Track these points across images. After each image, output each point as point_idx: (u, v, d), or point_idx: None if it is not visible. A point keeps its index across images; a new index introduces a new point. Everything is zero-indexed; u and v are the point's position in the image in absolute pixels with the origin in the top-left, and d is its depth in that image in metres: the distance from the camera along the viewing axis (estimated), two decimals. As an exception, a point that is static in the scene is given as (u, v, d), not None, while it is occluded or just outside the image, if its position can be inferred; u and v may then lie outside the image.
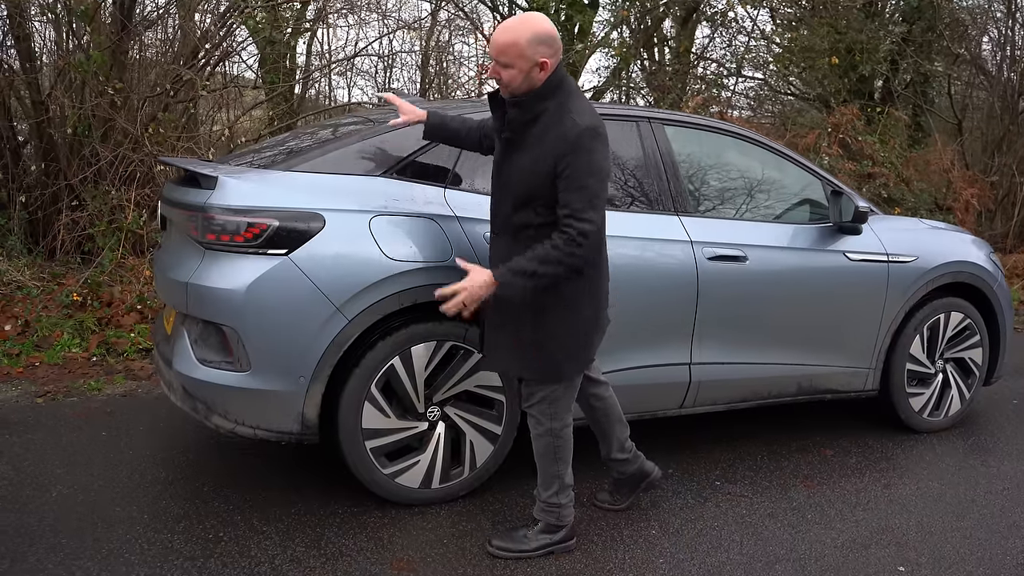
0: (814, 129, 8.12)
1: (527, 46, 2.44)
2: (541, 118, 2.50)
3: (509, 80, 2.49)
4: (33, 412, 4.09)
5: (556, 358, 2.65)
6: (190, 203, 2.97)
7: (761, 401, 3.81)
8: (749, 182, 3.85)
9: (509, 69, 2.47)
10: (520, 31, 2.46)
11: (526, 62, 2.45)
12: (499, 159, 2.65)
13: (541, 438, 2.77)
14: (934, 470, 3.74)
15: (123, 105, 5.94)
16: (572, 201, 2.43)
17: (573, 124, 2.44)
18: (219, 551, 2.75)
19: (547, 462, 2.79)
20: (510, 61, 2.46)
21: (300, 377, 2.89)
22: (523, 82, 2.48)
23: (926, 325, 4.08)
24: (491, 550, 2.80)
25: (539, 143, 2.49)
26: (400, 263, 2.95)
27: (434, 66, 13.96)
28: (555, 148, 2.44)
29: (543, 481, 2.82)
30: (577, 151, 2.42)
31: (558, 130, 2.45)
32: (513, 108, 2.53)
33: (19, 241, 6.04)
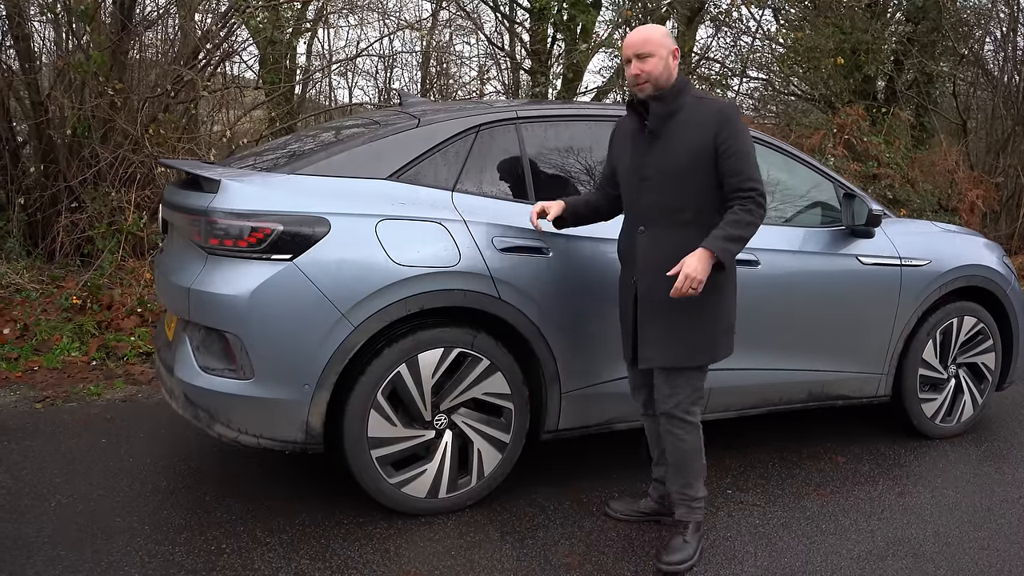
0: (819, 130, 8.06)
1: (661, 37, 2.71)
2: (683, 109, 2.71)
3: (652, 68, 2.68)
4: (32, 418, 4.03)
5: (711, 339, 2.76)
6: (192, 207, 2.91)
7: (772, 408, 3.75)
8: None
9: (651, 58, 2.67)
10: (651, 28, 2.75)
11: (664, 50, 2.69)
12: (638, 159, 2.78)
13: (687, 436, 2.81)
14: (948, 478, 3.68)
15: (123, 106, 5.87)
16: (743, 168, 2.63)
17: (719, 105, 2.71)
18: (221, 564, 2.68)
19: (694, 457, 2.84)
20: (652, 50, 2.68)
21: (305, 385, 2.83)
22: (663, 70, 2.69)
23: (939, 330, 4.02)
24: (667, 568, 2.74)
25: (687, 129, 2.68)
26: (407, 268, 2.89)
27: (435, 66, 13.92)
28: (710, 127, 2.65)
29: (692, 480, 2.86)
30: (732, 125, 2.66)
31: (707, 112, 2.68)
32: (656, 102, 2.72)
33: (18, 243, 5.98)
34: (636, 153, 2.81)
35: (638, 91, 2.74)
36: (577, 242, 3.17)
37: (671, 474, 2.90)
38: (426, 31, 12.71)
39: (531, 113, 3.32)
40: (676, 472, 2.87)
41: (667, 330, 2.75)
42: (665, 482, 3.03)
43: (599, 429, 3.36)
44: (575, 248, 3.16)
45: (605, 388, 3.28)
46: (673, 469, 2.88)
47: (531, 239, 3.09)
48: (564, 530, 3.03)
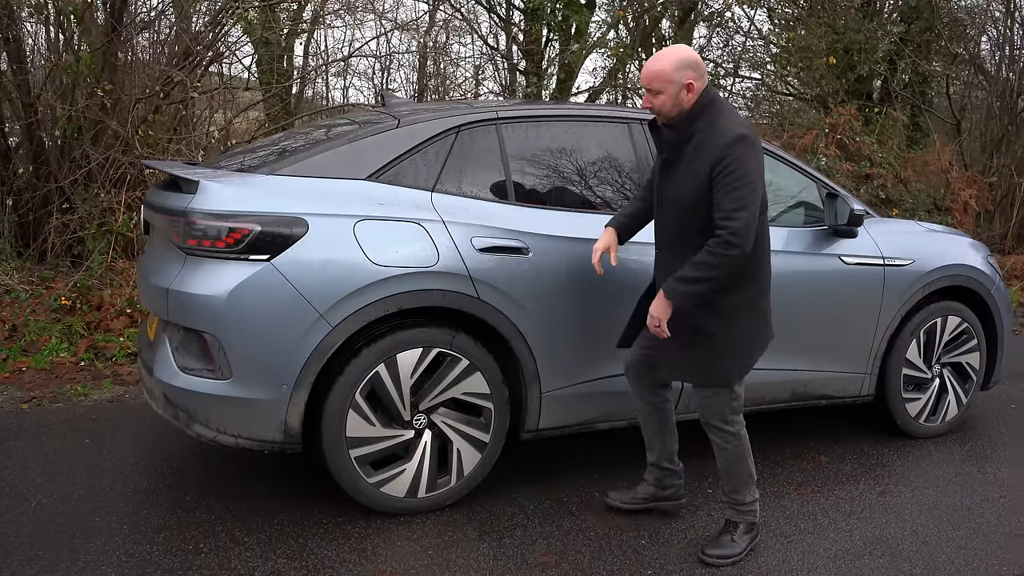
0: (811, 130, 8.06)
1: (673, 72, 2.66)
2: (695, 136, 2.68)
3: (660, 106, 2.69)
4: (17, 418, 4.04)
5: (721, 363, 2.76)
6: (171, 208, 2.92)
7: (754, 407, 3.75)
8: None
9: (659, 95, 2.68)
10: (666, 60, 2.69)
11: (674, 86, 2.66)
12: (659, 181, 2.85)
13: (728, 445, 2.84)
14: (930, 477, 3.69)
15: (113, 107, 5.88)
16: (723, 203, 2.59)
17: (723, 133, 2.62)
18: (199, 563, 2.69)
19: (740, 466, 2.87)
20: (660, 87, 2.67)
21: (283, 385, 2.84)
22: (673, 106, 2.68)
23: (923, 329, 4.02)
24: (706, 559, 2.82)
25: (694, 158, 2.67)
26: (385, 268, 2.90)
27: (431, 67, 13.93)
28: (709, 157, 2.62)
29: (738, 487, 2.88)
30: (727, 157, 2.59)
31: (710, 141, 2.64)
32: (670, 131, 2.74)
33: (9, 244, 5.99)
34: (659, 176, 2.86)
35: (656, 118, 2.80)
36: (558, 242, 3.17)
37: (721, 479, 2.95)
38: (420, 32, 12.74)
39: (512, 114, 3.33)
40: (724, 477, 2.92)
41: (677, 351, 2.80)
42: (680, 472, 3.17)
43: (580, 429, 3.37)
44: (556, 248, 3.17)
45: (586, 388, 3.28)
46: (722, 473, 2.92)
47: (510, 239, 3.10)
48: (542, 529, 3.03)
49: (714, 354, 2.75)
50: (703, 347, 2.75)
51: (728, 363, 2.77)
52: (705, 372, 2.79)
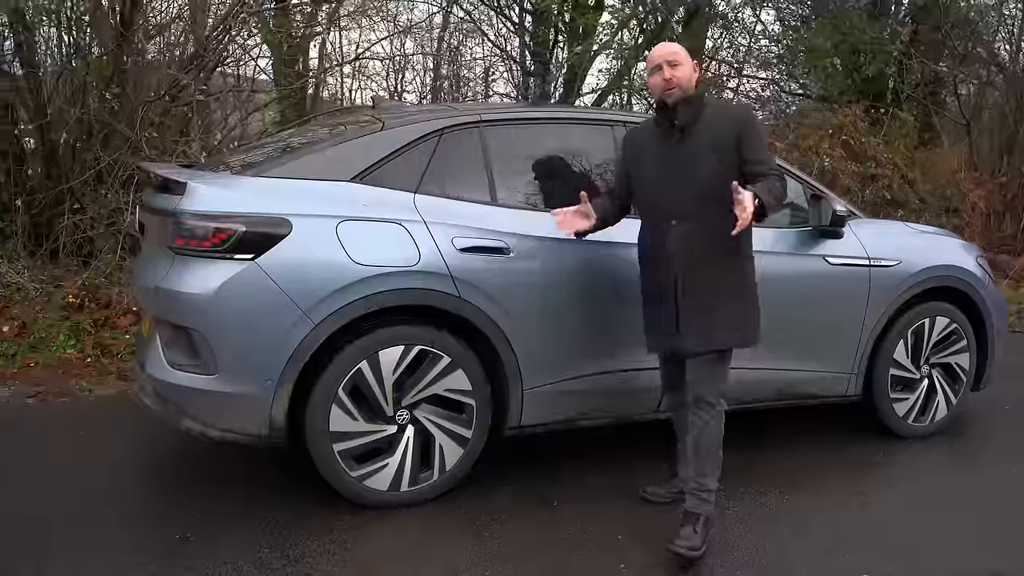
0: (816, 130, 8.06)
1: (685, 51, 2.95)
2: (706, 111, 2.91)
3: (682, 75, 2.87)
4: (21, 412, 4.17)
5: (751, 322, 2.96)
6: (161, 208, 3.02)
7: (740, 406, 3.78)
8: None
9: (681, 67, 2.87)
10: (675, 45, 3.01)
11: (690, 61, 2.92)
12: (665, 159, 2.92)
13: (711, 422, 2.90)
14: (914, 476, 3.71)
15: (121, 110, 6.02)
16: (763, 155, 2.87)
17: (740, 106, 3.11)
18: (185, 552, 2.79)
19: (715, 448, 2.92)
20: (681, 59, 2.89)
21: (267, 380, 2.93)
22: (689, 78, 2.89)
23: (910, 330, 4.04)
24: (675, 549, 2.81)
25: (712, 128, 2.86)
26: (367, 268, 2.98)
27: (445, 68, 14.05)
28: (734, 124, 2.86)
29: (709, 470, 2.92)
30: (752, 122, 2.93)
31: (730, 113, 3.08)
32: (684, 105, 2.88)
33: (21, 243, 6.14)
34: (664, 157, 2.93)
35: (667, 96, 2.87)
36: (539, 242, 3.24)
37: (689, 462, 2.98)
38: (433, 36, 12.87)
39: (495, 117, 3.40)
40: (695, 459, 2.95)
41: (711, 318, 2.87)
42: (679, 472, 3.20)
43: (562, 426, 3.43)
44: (537, 248, 3.24)
45: (567, 385, 3.34)
46: (692, 456, 2.95)
47: (492, 239, 3.17)
48: (523, 525, 3.10)
49: (747, 312, 2.93)
50: (737, 307, 2.91)
51: (754, 321, 2.96)
52: (739, 331, 2.92)
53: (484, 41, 11.42)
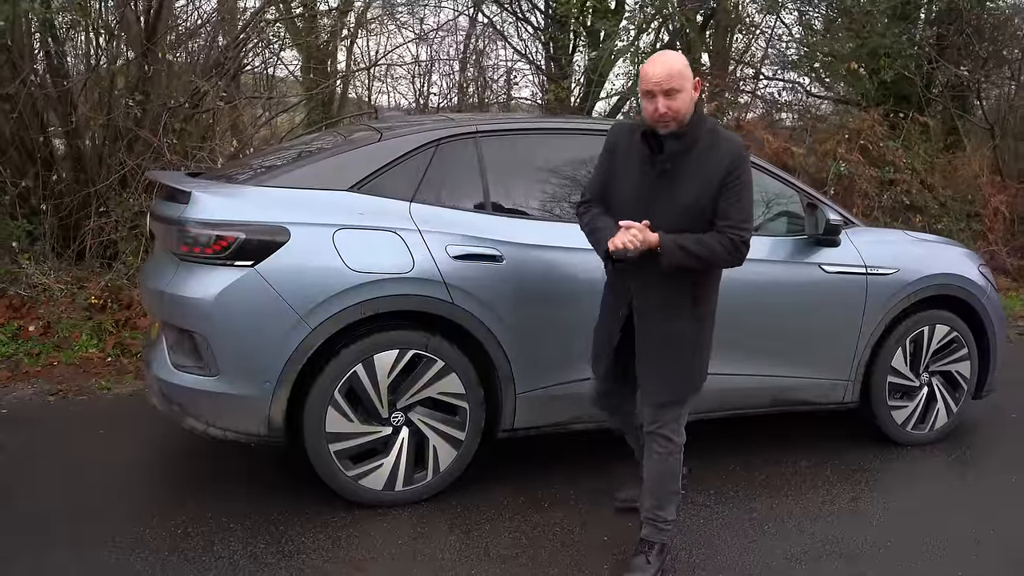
0: (833, 135, 8.03)
1: (685, 68, 2.57)
2: (697, 145, 2.60)
3: (680, 106, 2.54)
4: (42, 410, 4.34)
5: (703, 366, 2.80)
6: (167, 216, 3.15)
7: (735, 412, 3.85)
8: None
9: (680, 95, 2.53)
10: (673, 58, 2.59)
11: (689, 83, 2.56)
12: (644, 191, 2.66)
13: (669, 457, 2.79)
14: (908, 484, 3.73)
15: (144, 116, 6.21)
16: (733, 214, 2.58)
17: (731, 144, 2.62)
18: (185, 546, 2.91)
19: (672, 480, 2.83)
20: (680, 85, 2.53)
21: (265, 382, 3.04)
22: (689, 105, 2.58)
23: (909, 338, 4.06)
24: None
25: (700, 169, 2.59)
26: (361, 274, 3.08)
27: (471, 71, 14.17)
28: (722, 164, 2.57)
29: (663, 503, 2.83)
30: (740, 167, 2.58)
31: (720, 151, 2.59)
32: (674, 141, 2.60)
33: (49, 246, 6.35)
34: (643, 186, 2.68)
35: (660, 127, 2.59)
36: (531, 250, 3.32)
37: (645, 492, 2.87)
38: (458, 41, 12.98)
39: (491, 127, 3.49)
40: (650, 491, 2.84)
41: (663, 369, 2.73)
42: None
43: (556, 429, 3.51)
44: (529, 255, 3.32)
45: (560, 390, 3.42)
46: (648, 487, 2.85)
47: (485, 247, 3.26)
48: (511, 524, 3.18)
49: (696, 364, 2.76)
50: (689, 360, 2.73)
51: (701, 371, 2.79)
52: (689, 384, 2.77)
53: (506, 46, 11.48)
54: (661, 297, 2.70)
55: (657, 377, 2.75)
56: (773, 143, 7.73)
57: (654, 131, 2.63)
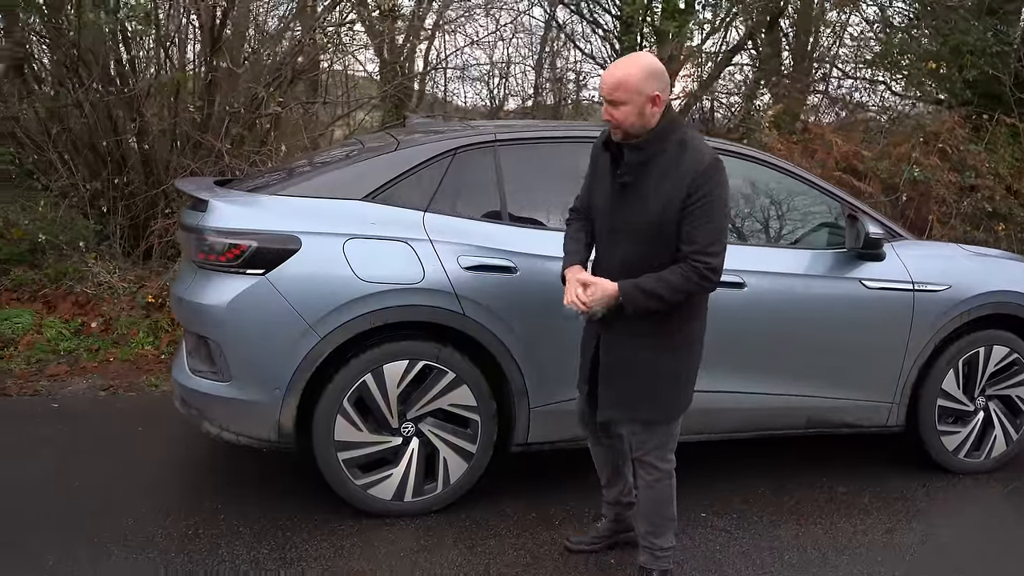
0: (908, 138, 7.63)
1: (639, 81, 2.44)
2: (661, 158, 2.49)
3: (622, 119, 2.47)
4: (91, 404, 4.53)
5: (676, 396, 2.67)
6: (188, 224, 3.23)
7: (767, 432, 3.69)
8: (750, 206, 3.73)
9: (622, 107, 2.45)
10: (630, 67, 2.48)
11: (640, 98, 2.44)
12: (610, 206, 2.61)
13: (658, 483, 2.71)
14: (953, 516, 3.50)
15: (206, 121, 6.41)
16: (700, 237, 2.44)
17: (698, 156, 2.46)
18: (191, 547, 2.97)
19: (664, 507, 2.75)
20: (623, 98, 2.44)
21: (275, 389, 3.08)
22: (636, 119, 2.47)
23: (962, 359, 3.80)
24: None
25: (663, 183, 2.47)
26: (371, 284, 3.08)
27: (547, 72, 14.14)
28: (684, 182, 2.43)
29: (659, 530, 2.76)
30: (706, 185, 2.43)
31: (685, 166, 2.45)
32: (632, 151, 2.52)
33: (118, 246, 6.63)
34: (608, 198, 2.62)
35: (613, 133, 2.56)
36: (546, 262, 3.24)
37: (639, 518, 2.82)
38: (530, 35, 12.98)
39: (511, 136, 3.44)
40: (643, 518, 2.78)
41: (626, 390, 2.65)
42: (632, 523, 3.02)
43: (570, 445, 3.42)
44: (544, 268, 3.23)
45: (574, 406, 3.33)
46: (641, 514, 2.79)
47: (498, 258, 3.21)
48: (517, 541, 3.13)
49: (667, 388, 2.65)
50: (657, 384, 2.63)
51: (676, 395, 2.67)
52: (657, 407, 2.66)
53: (570, 47, 11.41)
54: (624, 327, 2.59)
55: (622, 396, 2.66)
56: (842, 147, 7.39)
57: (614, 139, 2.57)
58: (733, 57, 9.58)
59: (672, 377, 2.65)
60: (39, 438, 3.95)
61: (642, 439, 2.69)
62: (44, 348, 5.37)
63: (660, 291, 2.47)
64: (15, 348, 5.36)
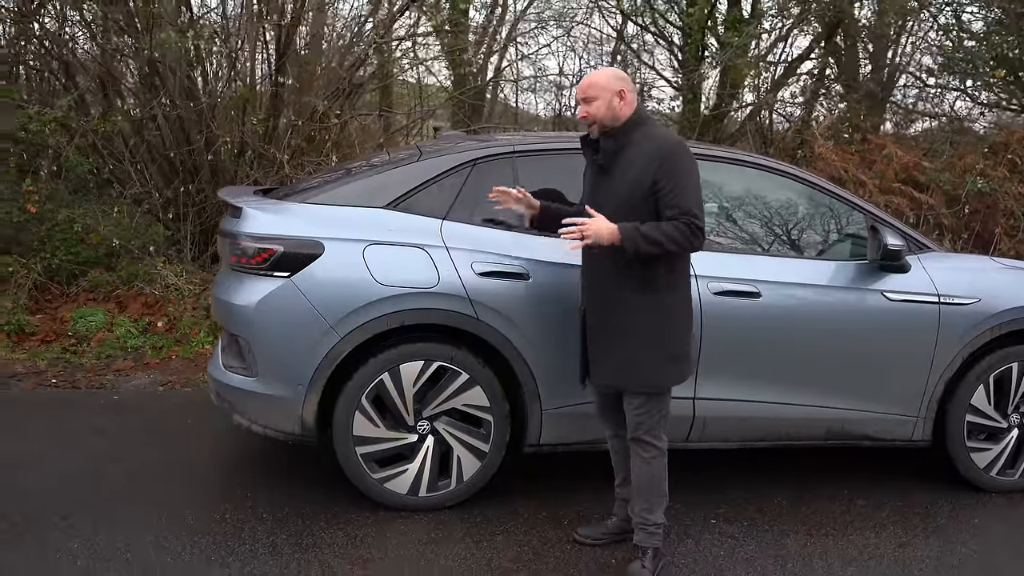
0: (975, 148, 7.39)
1: (606, 82, 2.89)
2: (630, 147, 2.86)
3: (595, 111, 2.87)
4: (148, 399, 4.85)
5: (655, 366, 2.87)
6: (225, 230, 3.47)
7: (786, 442, 3.69)
8: (770, 216, 3.74)
9: (594, 102, 2.87)
10: (599, 73, 2.97)
11: (607, 93, 2.86)
12: (591, 190, 3.01)
13: (653, 461, 2.93)
14: (974, 534, 3.42)
15: (269, 133, 6.76)
16: (680, 202, 2.74)
17: (664, 141, 2.86)
18: (217, 530, 3.19)
19: (658, 483, 2.95)
20: (594, 94, 2.87)
21: (298, 385, 3.27)
22: (607, 111, 2.87)
23: (992, 375, 3.72)
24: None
25: (632, 167, 2.83)
26: (388, 288, 3.25)
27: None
28: (651, 164, 2.78)
29: (652, 505, 2.95)
30: (672, 161, 2.78)
31: (650, 149, 2.81)
32: (607, 139, 2.90)
33: (187, 251, 7.04)
34: (591, 187, 3.03)
35: (590, 131, 2.96)
36: (558, 268, 3.35)
37: (634, 497, 3.00)
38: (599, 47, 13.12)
39: (529, 147, 3.57)
40: (639, 495, 2.97)
41: (609, 352, 2.91)
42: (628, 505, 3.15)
43: (583, 447, 3.51)
44: (556, 273, 3.35)
45: (587, 408, 3.41)
46: (636, 492, 2.98)
47: (512, 265, 3.34)
48: (525, 538, 3.23)
49: (651, 356, 2.84)
50: (640, 349, 2.84)
51: (663, 365, 2.86)
52: (642, 374, 2.86)
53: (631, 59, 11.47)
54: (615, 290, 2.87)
55: (607, 358, 2.91)
56: (902, 157, 7.22)
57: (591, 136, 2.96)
58: (798, 67, 9.45)
59: (657, 346, 2.85)
60: (95, 427, 4.28)
61: (634, 416, 2.90)
62: (113, 345, 5.76)
63: (657, 236, 2.73)
64: (88, 344, 5.78)
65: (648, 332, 2.85)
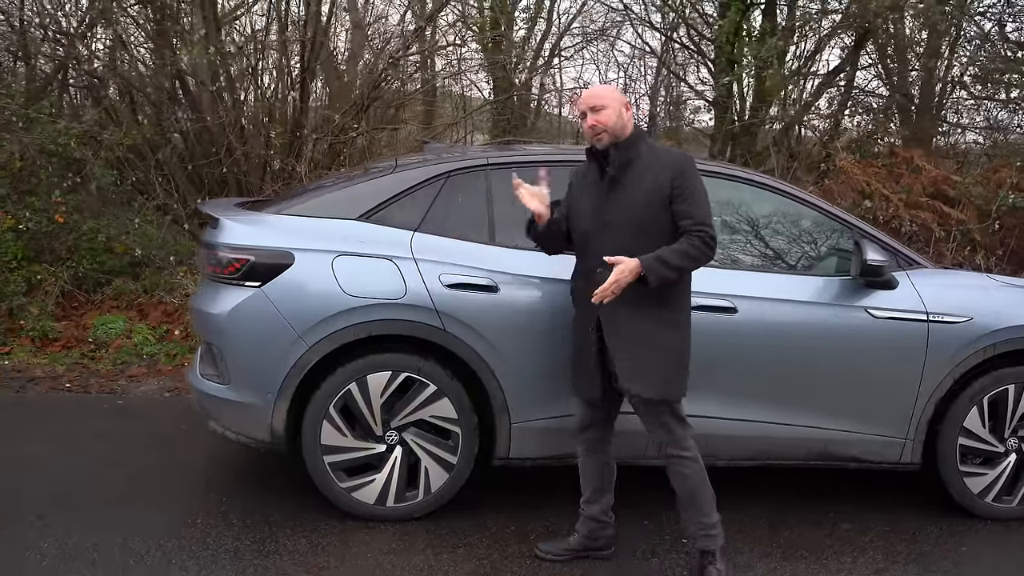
0: (1008, 162, 7.13)
1: (611, 92, 3.01)
2: (639, 158, 2.92)
3: (606, 119, 2.89)
4: (153, 404, 4.98)
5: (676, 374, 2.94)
6: (203, 240, 3.56)
7: (771, 461, 3.60)
8: (751, 230, 3.67)
9: (604, 110, 2.90)
10: (601, 87, 3.07)
11: (616, 103, 2.92)
12: (599, 205, 2.95)
13: (689, 471, 2.95)
14: (958, 562, 3.28)
15: (289, 147, 6.91)
16: (694, 213, 2.83)
17: (675, 153, 3.03)
18: (184, 534, 3.25)
19: (703, 489, 2.98)
20: (604, 103, 2.91)
21: (268, 393, 3.32)
22: (617, 120, 2.90)
23: (986, 397, 3.57)
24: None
25: (645, 177, 2.88)
26: (355, 298, 3.28)
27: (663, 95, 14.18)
28: (667, 174, 2.86)
29: (704, 508, 2.99)
30: (686, 173, 2.87)
31: (663, 161, 2.90)
32: (615, 150, 2.92)
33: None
34: (597, 199, 2.96)
35: (596, 142, 2.93)
36: (527, 281, 3.35)
37: (685, 510, 3.01)
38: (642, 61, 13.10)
39: (503, 160, 3.57)
40: (689, 508, 2.99)
41: (640, 363, 2.90)
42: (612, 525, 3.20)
43: (552, 462, 3.48)
44: (525, 286, 3.35)
45: (556, 423, 3.38)
46: (685, 506, 3.00)
47: (480, 277, 3.34)
48: (486, 552, 3.21)
49: (672, 364, 2.91)
50: (663, 357, 2.89)
51: (680, 373, 2.93)
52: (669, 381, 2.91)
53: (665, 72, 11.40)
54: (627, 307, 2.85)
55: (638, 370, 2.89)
56: (931, 171, 7.00)
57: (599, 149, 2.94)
58: (831, 81, 9.25)
59: (677, 354, 2.93)
60: (96, 431, 4.41)
61: (659, 433, 2.95)
62: (130, 351, 5.94)
63: (677, 261, 2.79)
64: (106, 350, 5.96)
65: (671, 344, 2.91)
